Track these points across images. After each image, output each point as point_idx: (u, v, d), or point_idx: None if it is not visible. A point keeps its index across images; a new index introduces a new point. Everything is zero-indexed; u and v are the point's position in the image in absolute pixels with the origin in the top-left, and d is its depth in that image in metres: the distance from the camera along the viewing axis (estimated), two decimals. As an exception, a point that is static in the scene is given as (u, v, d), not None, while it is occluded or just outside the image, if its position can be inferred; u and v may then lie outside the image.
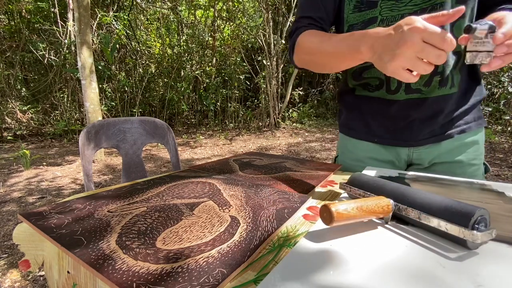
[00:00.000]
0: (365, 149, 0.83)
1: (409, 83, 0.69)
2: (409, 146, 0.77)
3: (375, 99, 0.76)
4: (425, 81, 0.68)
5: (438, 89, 0.69)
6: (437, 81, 0.68)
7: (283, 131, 6.10)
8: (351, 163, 0.87)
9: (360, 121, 0.83)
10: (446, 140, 0.74)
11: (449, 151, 0.75)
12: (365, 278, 0.30)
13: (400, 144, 0.78)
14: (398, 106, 0.73)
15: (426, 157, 0.78)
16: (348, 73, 0.81)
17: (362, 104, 0.80)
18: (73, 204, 0.55)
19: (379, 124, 0.79)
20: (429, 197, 0.41)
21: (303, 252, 0.36)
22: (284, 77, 7.27)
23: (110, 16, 6.09)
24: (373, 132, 0.81)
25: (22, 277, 1.47)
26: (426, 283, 0.29)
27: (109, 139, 1.14)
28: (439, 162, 0.77)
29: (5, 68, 5.55)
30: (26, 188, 2.86)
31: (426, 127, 0.74)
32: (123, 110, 6.31)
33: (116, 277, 0.32)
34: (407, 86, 0.70)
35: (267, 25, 6.12)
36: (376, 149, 0.82)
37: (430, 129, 0.74)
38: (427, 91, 0.69)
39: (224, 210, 0.52)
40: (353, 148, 0.86)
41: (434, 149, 0.76)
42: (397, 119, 0.75)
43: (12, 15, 5.80)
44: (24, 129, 5.67)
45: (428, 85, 0.69)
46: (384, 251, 0.36)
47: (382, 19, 0.66)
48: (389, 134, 0.79)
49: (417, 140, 0.75)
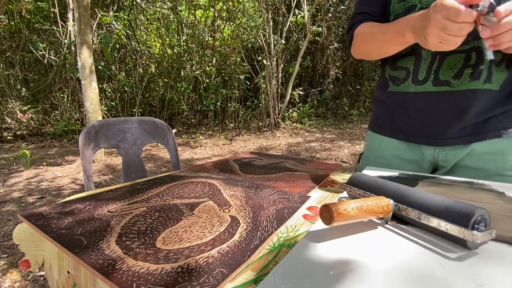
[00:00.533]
0: (389, 146, 0.81)
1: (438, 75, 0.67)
2: (434, 145, 0.73)
3: (403, 94, 0.75)
4: (455, 73, 0.65)
5: (469, 82, 0.64)
6: (468, 73, 0.64)
7: (283, 131, 6.10)
8: (375, 160, 0.85)
9: (386, 117, 0.81)
10: (477, 142, 0.68)
11: (478, 155, 0.69)
12: (365, 278, 0.30)
13: (425, 142, 0.74)
14: (425, 99, 0.70)
15: (452, 160, 0.72)
16: (387, 63, 0.80)
17: (390, 99, 0.79)
18: (73, 204, 0.55)
19: (404, 119, 0.76)
20: (429, 197, 0.41)
21: (303, 252, 0.36)
22: (284, 77, 7.27)
23: (110, 16, 6.09)
24: (398, 128, 0.79)
25: (22, 277, 1.47)
26: (426, 283, 0.29)
27: (109, 139, 1.14)
28: (462, 165, 0.72)
29: (5, 68, 5.55)
30: (26, 188, 2.86)
31: (453, 124, 0.69)
32: (123, 110, 6.31)
33: (116, 277, 0.32)
34: (435, 77, 0.67)
35: (267, 25, 6.12)
36: (400, 147, 0.79)
37: (458, 127, 0.68)
38: (456, 83, 0.65)
39: (224, 210, 0.52)
40: (378, 145, 0.84)
41: (462, 151, 0.70)
42: (423, 113, 0.72)
43: (12, 15, 5.80)
44: (24, 129, 5.66)
45: (458, 77, 0.65)
46: (384, 251, 0.36)
47: (421, 7, 0.67)
48: (414, 130, 0.75)
49: (443, 138, 0.71)
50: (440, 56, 0.66)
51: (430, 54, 0.68)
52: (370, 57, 0.80)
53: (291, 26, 6.93)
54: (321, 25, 7.06)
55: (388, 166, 0.81)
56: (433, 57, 0.67)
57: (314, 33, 6.07)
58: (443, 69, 0.66)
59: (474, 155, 0.69)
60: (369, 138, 0.89)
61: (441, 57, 0.66)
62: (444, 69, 0.66)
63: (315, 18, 7.03)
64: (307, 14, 5.63)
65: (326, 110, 7.73)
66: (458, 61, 0.65)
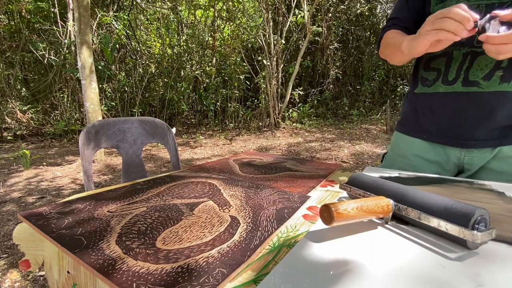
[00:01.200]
0: (413, 146, 0.81)
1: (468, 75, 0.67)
2: (460, 146, 0.72)
3: (431, 95, 0.75)
4: (486, 74, 0.65)
5: (499, 84, 0.64)
6: (499, 75, 0.64)
7: (283, 131, 6.10)
8: (398, 160, 0.85)
9: (413, 117, 0.82)
10: (506, 146, 0.67)
11: (505, 158, 0.68)
12: (365, 278, 0.30)
13: (450, 143, 0.73)
14: (453, 99, 0.70)
15: (478, 162, 0.71)
16: (420, 63, 0.80)
17: (418, 100, 0.80)
18: (73, 204, 0.55)
19: (430, 119, 0.76)
20: (429, 197, 0.41)
21: (303, 252, 0.36)
22: (284, 77, 7.27)
23: (110, 16, 6.08)
24: (423, 128, 0.79)
25: (22, 277, 1.47)
26: (426, 283, 0.29)
27: (109, 139, 1.14)
28: (488, 168, 0.71)
29: (5, 68, 5.54)
30: (26, 188, 2.86)
31: (481, 126, 0.68)
32: (123, 110, 6.31)
33: (116, 277, 0.32)
34: (465, 78, 0.67)
35: (267, 25, 6.12)
36: (424, 148, 0.79)
37: (486, 130, 0.68)
38: (486, 85, 0.65)
39: (224, 210, 0.52)
40: (402, 144, 0.85)
41: (489, 154, 0.69)
42: (450, 114, 0.72)
43: (12, 15, 5.80)
44: (24, 129, 5.66)
45: (488, 78, 0.65)
46: (384, 251, 0.36)
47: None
48: (440, 131, 0.75)
49: (470, 140, 0.70)
50: (471, 56, 0.67)
51: (461, 54, 0.68)
52: (391, 62, 0.83)
53: (291, 26, 6.92)
54: (321, 25, 7.05)
55: (411, 166, 0.81)
56: (464, 57, 0.68)
57: (314, 33, 6.07)
58: (473, 70, 0.66)
59: (501, 158, 0.69)
60: (394, 138, 0.89)
61: (472, 57, 0.66)
62: (474, 69, 0.66)
63: (315, 18, 7.03)
64: (307, 14, 5.62)
65: (326, 110, 7.73)
66: (490, 62, 0.65)
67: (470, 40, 0.65)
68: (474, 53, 0.66)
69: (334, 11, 7.53)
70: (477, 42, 0.64)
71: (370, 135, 5.38)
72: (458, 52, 0.69)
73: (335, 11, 7.55)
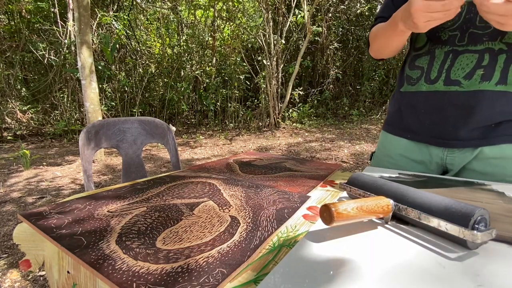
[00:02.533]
0: (398, 146, 0.82)
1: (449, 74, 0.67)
2: (442, 146, 0.72)
3: (415, 93, 0.75)
4: (467, 73, 0.65)
5: (479, 83, 0.64)
6: (480, 74, 0.63)
7: (283, 131, 6.09)
8: (384, 159, 0.86)
9: (397, 116, 0.82)
10: (486, 146, 0.67)
11: (485, 159, 0.68)
12: (365, 278, 0.30)
13: (433, 142, 0.74)
14: (435, 98, 0.70)
15: (460, 162, 0.71)
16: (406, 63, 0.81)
17: (402, 99, 0.80)
18: (73, 204, 0.55)
19: (414, 119, 0.77)
20: (429, 197, 0.41)
21: (303, 252, 0.36)
22: (284, 77, 7.27)
23: (110, 16, 6.08)
24: (407, 127, 0.79)
25: (22, 277, 1.47)
26: (426, 283, 0.29)
27: (109, 139, 1.14)
28: (469, 169, 0.70)
29: (5, 68, 5.54)
30: (26, 188, 2.86)
31: (462, 126, 0.68)
32: (123, 110, 6.31)
33: (116, 277, 0.32)
34: (447, 76, 0.68)
35: (267, 25, 6.12)
36: (408, 147, 0.79)
37: (467, 129, 0.67)
38: (466, 84, 0.65)
39: (224, 210, 0.52)
40: (387, 143, 0.85)
41: (470, 154, 0.69)
42: (432, 112, 0.72)
43: (12, 15, 5.79)
44: (24, 129, 5.66)
45: (469, 78, 0.64)
46: (384, 251, 0.36)
47: None
48: (423, 130, 0.75)
49: (452, 139, 0.70)
50: (452, 55, 0.67)
51: (443, 52, 0.68)
52: (382, 54, 0.82)
53: (291, 26, 6.92)
54: (321, 25, 7.05)
55: (396, 166, 0.81)
56: (446, 56, 0.68)
57: (314, 33, 6.06)
58: (455, 69, 0.67)
59: (482, 159, 0.68)
60: (381, 137, 0.90)
61: (454, 56, 0.67)
62: (455, 68, 0.67)
63: (315, 18, 7.02)
64: (307, 14, 5.62)
65: (326, 110, 7.73)
66: (471, 61, 0.64)
67: (452, 39, 0.67)
68: (455, 52, 0.66)
69: (334, 11, 7.53)
70: (459, 40, 0.66)
71: (370, 135, 5.38)
72: (440, 50, 0.69)
73: (335, 11, 7.55)
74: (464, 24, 0.65)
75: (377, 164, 0.88)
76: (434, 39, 0.71)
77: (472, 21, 0.64)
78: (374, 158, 0.91)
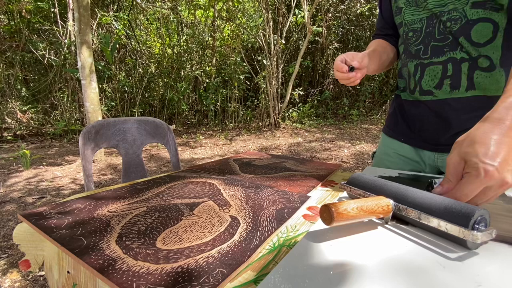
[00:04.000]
0: (394, 146, 0.85)
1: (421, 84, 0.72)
2: (432, 150, 0.75)
3: (403, 100, 0.81)
4: (436, 83, 0.68)
5: (450, 92, 0.67)
6: (448, 83, 0.67)
7: (283, 131, 6.09)
8: (383, 157, 0.89)
9: (394, 120, 0.86)
10: None
11: None
12: (365, 278, 0.30)
13: (423, 147, 0.77)
14: (417, 107, 0.75)
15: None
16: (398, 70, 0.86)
17: (399, 105, 0.84)
18: (73, 204, 0.55)
19: (405, 124, 0.81)
20: (429, 197, 0.41)
21: (303, 252, 0.36)
22: (284, 77, 7.27)
23: (110, 16, 6.08)
24: (400, 131, 0.83)
25: (22, 277, 1.47)
26: (426, 283, 0.29)
27: (109, 139, 1.14)
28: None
29: (5, 68, 5.54)
30: (26, 188, 2.86)
31: (442, 132, 0.71)
32: (123, 110, 6.30)
33: (116, 277, 0.32)
34: (420, 87, 0.72)
35: (267, 25, 6.12)
36: (404, 148, 0.83)
37: (447, 135, 0.70)
38: (438, 93, 0.69)
39: (224, 210, 0.52)
40: (386, 143, 0.89)
41: None
42: (417, 120, 0.77)
43: (12, 15, 5.79)
44: (24, 129, 5.66)
45: (439, 87, 0.68)
46: (384, 251, 0.36)
47: (405, 23, 0.74)
48: (413, 134, 0.79)
49: (438, 144, 0.73)
50: (420, 68, 0.71)
51: (413, 66, 0.73)
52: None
53: (291, 26, 6.92)
54: (321, 25, 7.05)
55: (394, 164, 0.84)
56: (415, 69, 0.73)
57: (314, 33, 6.06)
58: (425, 80, 0.71)
59: None
60: (381, 138, 0.94)
61: (422, 69, 0.71)
62: (426, 79, 0.71)
63: (315, 18, 7.02)
64: (307, 14, 5.62)
65: (326, 110, 7.73)
66: (437, 72, 0.68)
67: (417, 52, 0.71)
68: (422, 65, 0.71)
69: (334, 11, 7.53)
70: (423, 53, 0.70)
71: (370, 135, 5.38)
72: (411, 63, 0.74)
73: (335, 11, 7.55)
74: (426, 38, 0.69)
75: (378, 163, 0.90)
76: (406, 52, 0.76)
77: (432, 34, 0.67)
78: (375, 157, 0.94)
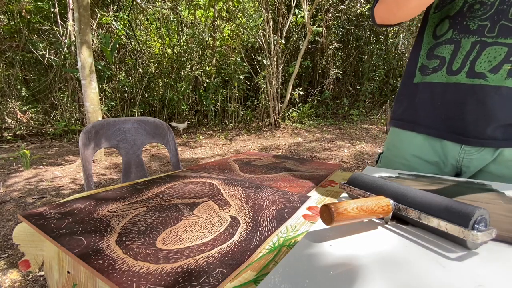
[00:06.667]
0: (411, 145, 0.76)
1: (474, 66, 0.62)
2: (460, 142, 0.67)
3: (432, 84, 0.70)
4: (493, 66, 0.60)
5: (506, 78, 0.60)
6: (507, 69, 0.59)
7: (283, 131, 6.09)
8: (394, 160, 0.80)
9: (410, 110, 0.76)
10: (507, 148, 0.62)
11: (504, 162, 0.63)
12: (365, 278, 0.30)
13: (449, 138, 0.68)
14: (455, 91, 0.65)
15: (477, 165, 0.66)
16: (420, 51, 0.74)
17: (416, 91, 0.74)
18: (73, 204, 0.55)
19: (430, 111, 0.71)
20: (429, 197, 0.41)
21: (303, 252, 0.36)
22: (284, 77, 7.27)
23: (110, 16, 6.08)
24: (421, 121, 0.73)
25: (22, 277, 1.47)
26: (426, 283, 0.29)
27: (109, 139, 1.14)
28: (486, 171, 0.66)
29: (5, 68, 5.54)
30: (26, 188, 2.86)
31: (482, 123, 0.63)
32: (123, 110, 6.31)
33: (116, 277, 0.32)
34: (471, 68, 0.63)
35: (267, 25, 6.12)
36: (422, 146, 0.74)
37: (487, 127, 0.63)
38: (492, 78, 0.60)
39: (224, 210, 0.52)
40: (399, 142, 0.79)
41: (490, 156, 0.64)
42: (450, 106, 0.67)
43: (12, 15, 5.79)
44: (24, 129, 5.66)
45: (496, 71, 0.60)
46: (384, 251, 0.36)
47: None
48: (438, 124, 0.70)
49: (470, 137, 0.65)
50: (480, 46, 0.62)
51: (470, 43, 0.63)
52: (394, 16, 0.70)
53: (291, 26, 6.92)
54: (321, 25, 7.05)
55: (408, 167, 0.77)
56: (472, 46, 0.63)
57: (314, 33, 6.06)
58: (481, 61, 0.62)
59: (501, 162, 0.64)
60: (390, 136, 0.84)
61: (481, 47, 0.62)
62: (482, 60, 0.62)
63: (315, 18, 7.02)
64: (307, 14, 5.62)
65: (326, 110, 7.73)
66: (499, 54, 0.60)
67: (481, 29, 0.62)
68: (483, 43, 0.62)
69: (334, 11, 7.53)
70: (488, 31, 0.61)
71: (370, 135, 5.38)
72: (467, 40, 0.64)
73: (335, 11, 7.55)
74: (496, 15, 0.60)
75: (387, 165, 0.82)
76: (461, 27, 0.65)
77: (504, 12, 0.59)
78: (383, 159, 0.86)
